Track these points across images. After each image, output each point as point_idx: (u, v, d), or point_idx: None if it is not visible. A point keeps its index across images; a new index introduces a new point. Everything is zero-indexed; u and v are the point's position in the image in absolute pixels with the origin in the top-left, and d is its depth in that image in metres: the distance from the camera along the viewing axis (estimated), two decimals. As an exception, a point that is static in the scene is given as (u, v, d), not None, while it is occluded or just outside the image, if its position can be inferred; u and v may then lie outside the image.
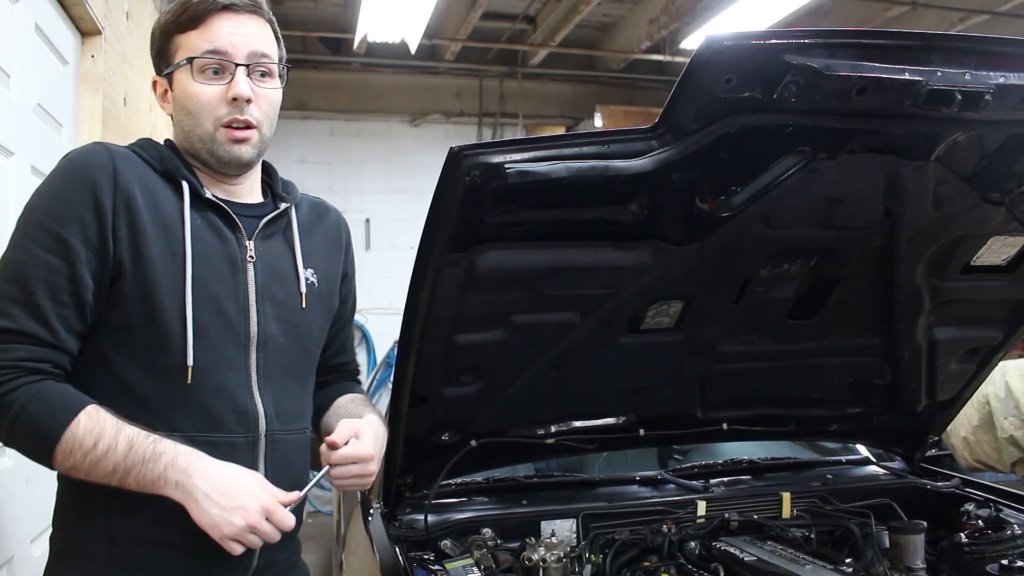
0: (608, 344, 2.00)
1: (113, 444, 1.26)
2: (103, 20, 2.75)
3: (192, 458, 1.29)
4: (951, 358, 2.29)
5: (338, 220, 1.68)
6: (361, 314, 7.53)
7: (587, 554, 1.98)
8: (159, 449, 1.28)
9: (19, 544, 1.99)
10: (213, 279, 1.39)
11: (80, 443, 1.26)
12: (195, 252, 1.37)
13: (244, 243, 1.45)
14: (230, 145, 1.41)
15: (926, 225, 1.90)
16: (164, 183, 1.41)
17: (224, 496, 1.28)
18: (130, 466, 1.27)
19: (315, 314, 1.54)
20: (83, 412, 1.28)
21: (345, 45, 7.01)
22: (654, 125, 1.50)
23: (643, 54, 6.92)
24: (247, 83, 1.41)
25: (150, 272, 1.34)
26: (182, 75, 1.41)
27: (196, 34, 1.40)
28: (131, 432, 1.28)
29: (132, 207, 1.34)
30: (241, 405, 1.41)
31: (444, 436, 2.03)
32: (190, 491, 1.27)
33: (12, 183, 2.10)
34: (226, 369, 1.40)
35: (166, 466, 1.27)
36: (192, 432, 1.35)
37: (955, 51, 1.46)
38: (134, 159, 1.40)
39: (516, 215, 1.58)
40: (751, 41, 1.39)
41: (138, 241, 1.33)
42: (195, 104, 1.40)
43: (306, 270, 1.53)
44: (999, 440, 3.88)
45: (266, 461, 1.43)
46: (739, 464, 2.55)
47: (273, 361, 1.46)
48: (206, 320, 1.37)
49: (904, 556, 1.95)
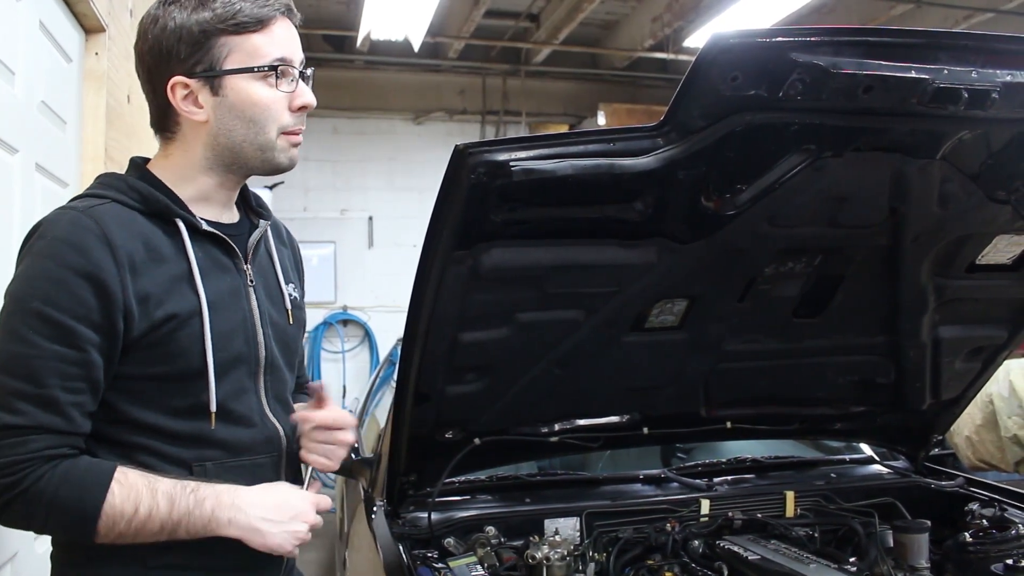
0: (612, 342, 2.00)
1: (154, 505, 1.25)
2: (107, 17, 2.74)
3: (233, 493, 1.31)
4: (956, 357, 2.29)
5: (291, 235, 1.67)
6: (364, 312, 7.55)
7: (591, 552, 1.98)
8: (200, 495, 1.28)
9: (22, 542, 1.99)
10: (225, 315, 1.37)
11: (121, 513, 1.24)
12: (207, 292, 1.34)
13: (243, 268, 1.43)
14: (291, 151, 1.39)
15: (931, 224, 1.89)
16: (155, 224, 1.33)
17: (278, 511, 1.32)
18: (177, 520, 1.26)
19: (297, 329, 1.54)
20: (113, 482, 1.24)
21: (348, 43, 7.01)
22: (659, 123, 1.49)
23: (646, 52, 6.91)
24: (310, 92, 1.39)
25: (167, 327, 1.30)
26: (243, 80, 1.33)
27: (259, 38, 1.33)
28: (167, 487, 1.27)
29: (137, 272, 1.27)
30: (261, 431, 1.42)
31: (448, 434, 2.03)
32: (248, 522, 1.30)
33: (16, 180, 2.10)
34: (242, 399, 1.40)
35: (213, 508, 1.28)
36: (221, 460, 1.37)
37: (962, 49, 1.45)
38: (121, 213, 1.30)
39: (521, 213, 1.58)
40: (757, 39, 1.38)
41: (147, 304, 1.28)
42: (262, 112, 1.34)
43: (287, 285, 1.53)
44: (1003, 439, 3.88)
45: (285, 476, 1.46)
46: (743, 463, 2.55)
47: (277, 381, 1.47)
48: (223, 359, 1.36)
49: (908, 555, 1.95)
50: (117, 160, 2.73)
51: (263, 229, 1.49)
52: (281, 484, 1.39)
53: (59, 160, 2.45)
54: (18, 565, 1.99)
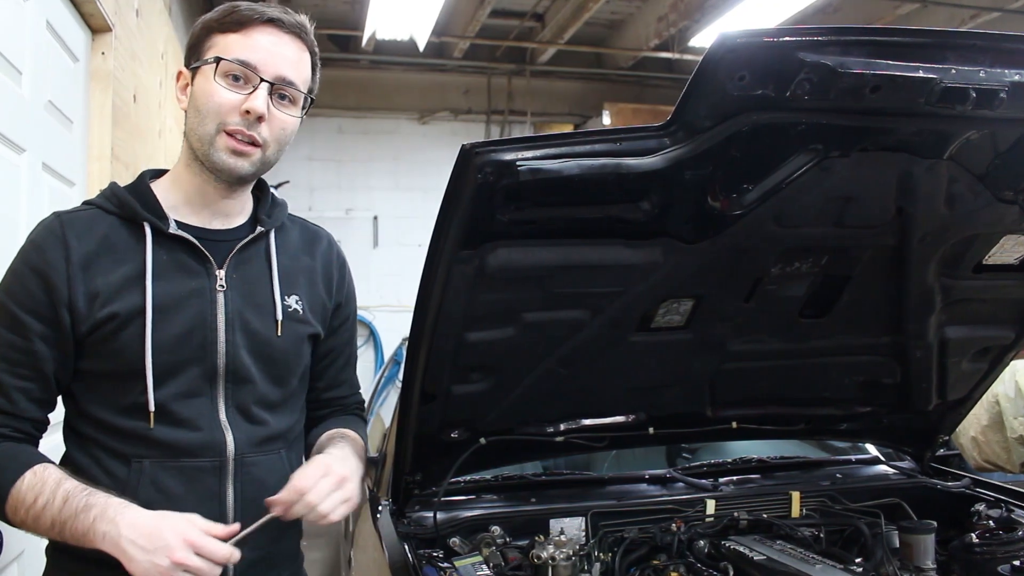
0: (618, 342, 1.99)
1: (51, 499, 1.29)
2: (113, 17, 2.75)
3: (121, 508, 1.28)
4: (962, 357, 2.28)
5: (331, 248, 1.64)
6: (368, 311, 7.55)
7: (596, 552, 1.98)
8: (90, 502, 1.28)
9: (29, 539, 1.99)
10: (176, 317, 1.39)
11: (23, 500, 1.30)
12: (156, 294, 1.38)
13: (214, 272, 1.43)
14: (226, 154, 1.39)
15: (938, 224, 1.89)
16: (128, 228, 1.41)
17: (147, 538, 1.25)
18: (64, 520, 1.28)
19: (291, 343, 1.51)
20: (29, 471, 1.31)
21: (353, 43, 7.03)
22: (666, 123, 1.49)
23: (652, 52, 6.91)
24: (265, 100, 1.38)
25: (110, 326, 1.36)
26: (206, 73, 1.39)
27: (235, 38, 1.39)
28: (69, 486, 1.30)
29: (90, 271, 1.36)
30: (206, 435, 1.42)
31: (453, 434, 2.03)
32: (116, 540, 1.25)
33: (23, 180, 2.10)
34: (191, 402, 1.41)
35: (95, 518, 1.27)
36: (160, 459, 1.39)
37: (970, 48, 1.45)
38: (94, 218, 1.41)
39: (527, 213, 1.58)
40: (764, 38, 1.38)
41: (95, 302, 1.35)
42: (206, 103, 1.38)
43: (288, 297, 1.51)
44: (1009, 440, 3.86)
45: (235, 483, 1.44)
46: (748, 463, 2.54)
47: (245, 391, 1.45)
48: (168, 361, 1.38)
49: (914, 556, 1.95)
50: (123, 159, 2.73)
51: (255, 236, 1.49)
52: (181, 516, 1.29)
53: (66, 159, 2.45)
54: (24, 562, 2.00)
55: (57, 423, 1.47)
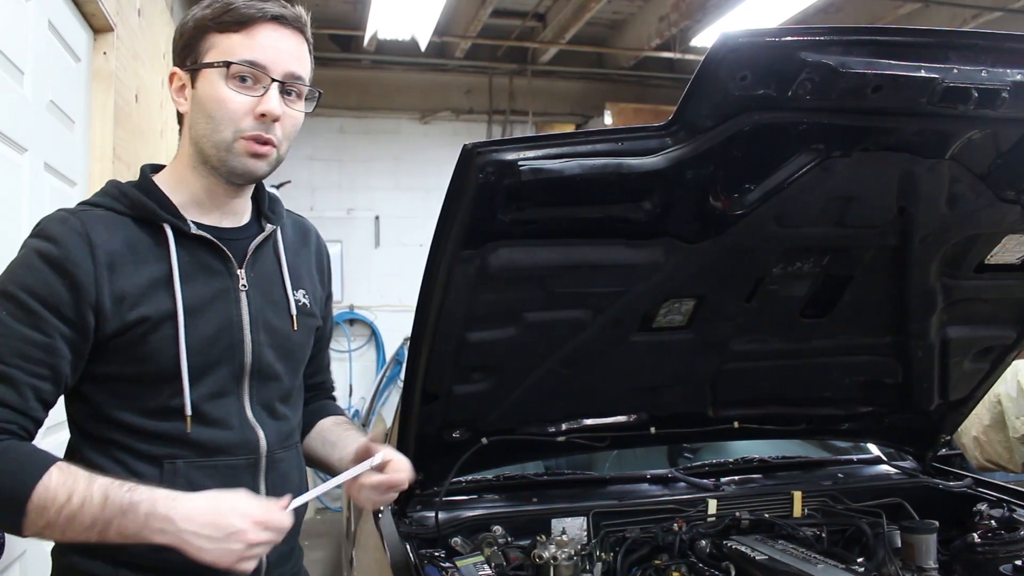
0: (619, 342, 2.00)
1: (88, 496, 1.21)
2: (115, 17, 2.75)
3: (170, 502, 1.24)
4: (964, 357, 2.28)
5: (319, 239, 1.65)
6: (370, 311, 7.56)
7: (598, 552, 1.98)
8: (135, 498, 1.22)
9: (30, 540, 1.99)
10: (205, 319, 1.38)
11: (54, 498, 1.20)
12: (185, 297, 1.35)
13: (235, 272, 1.43)
14: (246, 158, 1.37)
15: (940, 224, 1.89)
16: (145, 229, 1.37)
17: (213, 527, 1.23)
18: (109, 518, 1.21)
19: (304, 336, 1.53)
20: (54, 467, 1.23)
21: (355, 42, 7.02)
22: (668, 122, 1.49)
23: (653, 51, 6.90)
24: (279, 101, 1.36)
25: (139, 329, 1.32)
26: (211, 76, 1.35)
27: (238, 38, 1.34)
28: (104, 482, 1.23)
29: (116, 272, 1.31)
30: (238, 434, 1.41)
31: (455, 433, 2.03)
32: (178, 535, 1.22)
33: (25, 179, 2.10)
34: (220, 402, 1.40)
35: (147, 515, 1.22)
36: (194, 459, 1.37)
37: (972, 48, 1.45)
38: (110, 218, 1.35)
39: (529, 212, 1.58)
40: (766, 38, 1.38)
41: (121, 305, 1.31)
42: (220, 110, 1.35)
43: (296, 292, 1.51)
44: (1011, 440, 3.86)
45: (266, 480, 1.44)
46: (750, 463, 2.54)
47: (269, 388, 1.46)
48: (199, 362, 1.36)
49: (916, 556, 1.94)
50: (125, 159, 2.74)
51: (268, 233, 1.49)
52: (232, 495, 1.28)
53: (67, 159, 2.45)
54: (26, 562, 2.00)
55: (54, 424, 1.46)
